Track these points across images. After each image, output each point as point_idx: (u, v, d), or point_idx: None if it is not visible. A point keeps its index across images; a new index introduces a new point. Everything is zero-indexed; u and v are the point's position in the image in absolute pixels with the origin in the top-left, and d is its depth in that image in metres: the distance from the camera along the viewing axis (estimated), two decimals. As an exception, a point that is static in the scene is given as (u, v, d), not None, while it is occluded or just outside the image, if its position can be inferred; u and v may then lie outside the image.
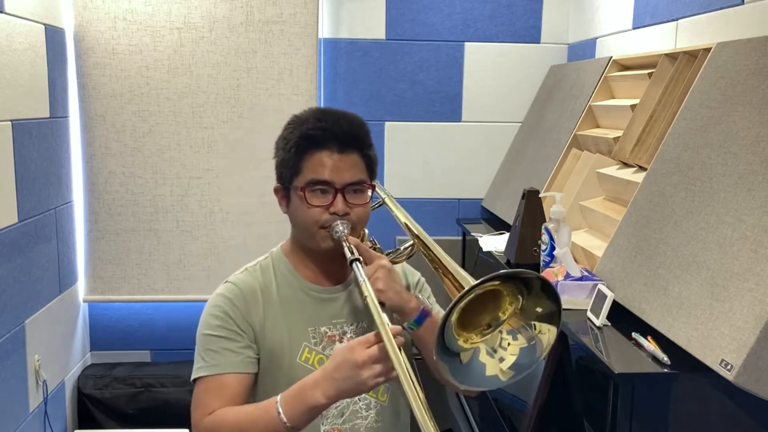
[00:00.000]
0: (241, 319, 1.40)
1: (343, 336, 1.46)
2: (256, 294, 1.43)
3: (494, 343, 1.18)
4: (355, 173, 1.40)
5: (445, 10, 3.15)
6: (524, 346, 1.17)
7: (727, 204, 1.45)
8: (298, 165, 1.39)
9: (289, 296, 1.45)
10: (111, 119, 2.95)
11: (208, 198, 3.04)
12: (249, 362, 1.40)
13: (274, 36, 2.97)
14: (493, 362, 1.17)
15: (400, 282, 1.39)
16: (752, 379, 1.23)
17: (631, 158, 2.02)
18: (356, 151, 1.40)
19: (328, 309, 1.47)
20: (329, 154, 1.38)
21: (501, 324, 1.18)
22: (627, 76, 2.32)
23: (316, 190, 1.38)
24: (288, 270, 1.47)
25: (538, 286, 1.13)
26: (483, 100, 3.22)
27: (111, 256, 3.03)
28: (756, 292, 1.28)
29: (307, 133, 1.39)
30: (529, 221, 2.15)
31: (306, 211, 1.38)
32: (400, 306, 1.36)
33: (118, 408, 2.95)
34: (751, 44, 1.58)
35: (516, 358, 1.17)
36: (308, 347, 1.43)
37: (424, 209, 3.26)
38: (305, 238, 1.43)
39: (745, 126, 1.49)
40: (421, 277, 1.61)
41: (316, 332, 1.44)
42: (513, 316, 1.18)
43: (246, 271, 1.49)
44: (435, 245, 1.37)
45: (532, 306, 1.16)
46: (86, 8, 2.87)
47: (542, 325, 1.16)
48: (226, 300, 1.41)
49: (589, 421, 1.66)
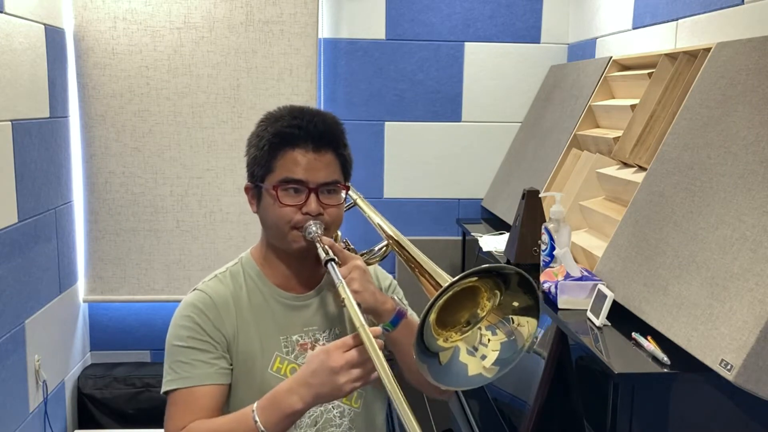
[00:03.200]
0: (213, 329, 1.36)
1: (316, 343, 1.43)
2: (228, 302, 1.39)
3: (474, 341, 1.17)
4: (330, 173, 1.36)
5: (445, 10, 3.15)
6: (504, 340, 1.16)
7: (727, 204, 1.45)
8: (271, 163, 1.35)
9: (259, 304, 1.42)
10: (111, 119, 2.95)
11: (208, 198, 3.04)
12: (222, 373, 1.36)
13: (274, 36, 2.97)
14: (475, 361, 1.16)
15: (374, 283, 1.36)
16: (752, 379, 1.23)
17: (631, 158, 2.02)
18: (331, 150, 1.37)
19: (300, 316, 1.43)
20: (303, 152, 1.34)
21: (480, 321, 1.17)
22: (627, 76, 2.32)
23: (289, 189, 1.34)
24: (257, 276, 1.43)
25: (515, 280, 1.12)
26: (483, 100, 3.23)
27: (111, 256, 3.03)
28: (756, 292, 1.28)
29: (281, 130, 1.35)
30: (529, 221, 2.15)
31: (278, 210, 1.34)
32: (375, 307, 1.32)
33: (118, 408, 2.96)
34: (751, 44, 1.58)
35: (498, 354, 1.16)
36: (280, 356, 1.40)
37: (424, 209, 3.26)
38: (276, 239, 1.39)
39: (745, 126, 1.49)
40: (393, 281, 1.58)
41: (288, 341, 1.41)
42: (491, 312, 1.17)
43: (216, 278, 1.44)
44: (410, 245, 1.34)
45: (509, 300, 1.15)
46: (86, 8, 2.87)
47: (521, 318, 1.15)
48: (197, 309, 1.37)
49: (589, 421, 1.66)
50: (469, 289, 1.14)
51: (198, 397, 1.33)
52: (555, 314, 1.74)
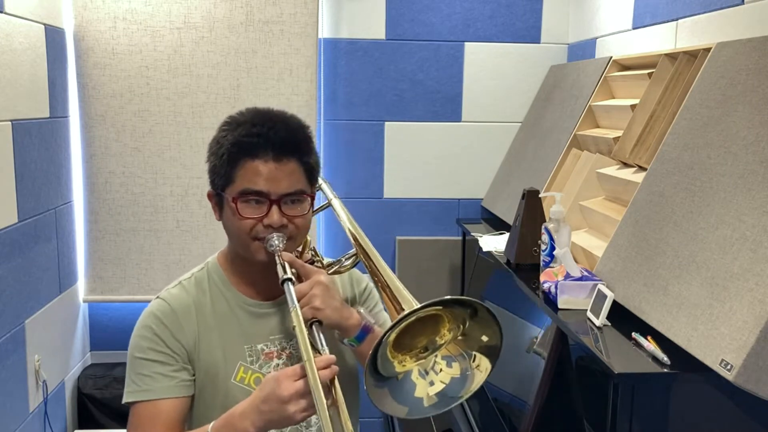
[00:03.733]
0: (172, 340, 1.34)
1: (282, 352, 1.39)
2: (190, 311, 1.36)
3: (427, 366, 1.14)
4: (293, 183, 1.30)
5: (445, 10, 3.15)
6: (456, 376, 1.13)
7: (727, 204, 1.45)
8: (231, 174, 1.29)
9: (223, 312, 1.38)
10: (111, 119, 2.95)
11: (208, 198, 3.03)
12: (183, 386, 1.34)
13: (274, 36, 2.97)
14: (424, 384, 1.12)
15: (339, 297, 1.31)
16: (752, 379, 1.23)
17: (631, 158, 2.02)
18: (294, 158, 1.30)
19: (266, 325, 1.40)
20: (264, 162, 1.28)
21: (438, 349, 1.14)
22: (627, 76, 2.32)
23: (250, 200, 1.29)
24: (223, 283, 1.40)
25: (484, 312, 1.08)
26: (483, 100, 3.22)
27: (111, 256, 3.03)
28: (756, 292, 1.28)
29: (240, 139, 1.28)
30: (529, 221, 2.15)
31: (238, 222, 1.30)
32: (339, 323, 1.28)
33: (118, 408, 2.95)
34: (751, 44, 1.58)
35: (444, 387, 1.12)
36: (243, 366, 1.37)
37: (424, 209, 3.26)
38: (239, 248, 1.35)
39: (745, 126, 1.49)
40: (369, 283, 1.53)
41: (252, 350, 1.38)
42: (453, 343, 1.13)
43: (180, 285, 1.41)
44: (378, 258, 1.27)
45: (477, 333, 1.11)
46: (86, 8, 2.87)
47: (482, 359, 1.11)
48: (156, 320, 1.34)
49: (589, 421, 1.66)
50: (432, 316, 1.11)
51: (160, 411, 1.32)
52: (555, 314, 1.74)
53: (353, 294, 1.51)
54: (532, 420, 1.78)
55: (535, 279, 2.01)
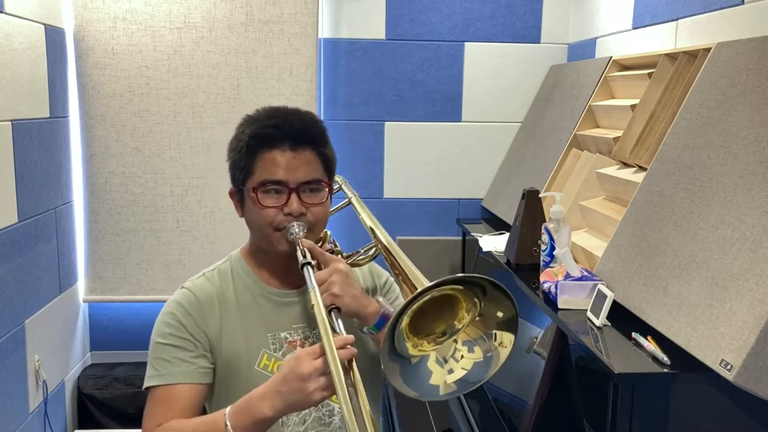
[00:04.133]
0: (195, 328, 1.36)
1: (305, 340, 1.42)
2: (213, 301, 1.39)
3: (446, 353, 1.14)
4: (310, 171, 1.35)
5: (445, 10, 3.15)
6: (479, 360, 1.13)
7: (727, 204, 1.45)
8: (250, 166, 1.34)
9: (247, 302, 1.41)
10: (111, 119, 2.95)
11: (208, 198, 3.04)
12: (202, 373, 1.36)
13: (274, 36, 2.97)
14: (441, 372, 1.13)
15: (357, 286, 1.33)
16: (752, 379, 1.23)
17: (631, 158, 2.02)
18: (310, 147, 1.35)
19: (289, 313, 1.42)
20: (281, 152, 1.33)
21: (456, 333, 1.14)
22: (627, 76, 2.32)
23: (270, 190, 1.33)
24: (246, 274, 1.44)
25: (492, 288, 1.09)
26: (483, 100, 3.23)
27: (111, 256, 3.03)
28: (756, 292, 1.28)
29: (257, 132, 1.34)
30: (529, 221, 2.15)
31: (259, 212, 1.34)
32: (358, 311, 1.30)
33: (118, 408, 2.95)
34: (751, 44, 1.58)
35: (466, 374, 1.13)
36: (267, 353, 1.39)
37: (424, 209, 3.26)
38: (261, 241, 1.39)
39: (745, 126, 1.49)
40: (389, 278, 1.55)
41: (276, 338, 1.40)
42: (471, 326, 1.14)
43: (203, 276, 1.44)
44: (398, 251, 1.29)
45: (492, 311, 1.11)
46: (86, 8, 2.87)
47: (503, 335, 1.12)
48: (180, 307, 1.37)
49: (589, 421, 1.65)
50: (449, 299, 1.12)
51: (176, 395, 1.33)
52: (555, 314, 1.74)
53: (373, 285, 1.54)
54: (532, 420, 1.78)
55: (535, 279, 2.01)
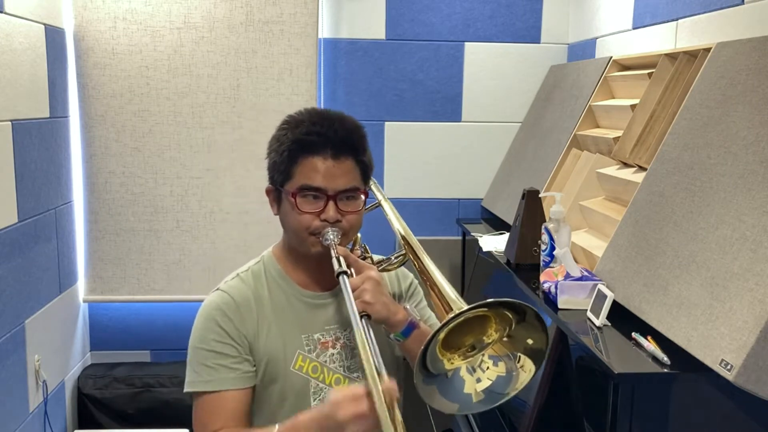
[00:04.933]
0: (236, 332, 1.38)
1: (336, 342, 1.44)
2: (250, 303, 1.41)
3: (474, 363, 1.17)
4: (349, 180, 1.36)
5: (445, 10, 3.15)
6: (502, 374, 1.16)
7: (727, 204, 1.45)
8: (291, 170, 1.36)
9: (281, 303, 1.43)
10: (111, 119, 2.95)
11: (208, 198, 3.04)
12: (246, 377, 1.38)
13: (274, 36, 2.97)
14: (471, 380, 1.16)
15: (388, 293, 1.36)
16: (752, 379, 1.23)
17: (631, 158, 2.02)
18: (351, 157, 1.36)
19: (321, 315, 1.44)
20: (323, 159, 1.34)
21: (485, 348, 1.17)
22: (627, 76, 2.32)
23: (308, 195, 1.35)
24: (279, 275, 1.45)
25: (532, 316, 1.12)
26: (483, 100, 3.22)
27: (111, 256, 3.03)
28: (756, 292, 1.28)
29: (300, 137, 1.35)
30: (529, 221, 2.15)
31: (296, 216, 1.36)
32: (387, 318, 1.32)
33: (118, 408, 2.95)
34: (751, 44, 1.58)
35: (491, 384, 1.15)
36: (302, 355, 1.41)
37: (424, 209, 3.26)
38: (295, 243, 1.41)
39: (745, 126, 1.49)
40: (414, 280, 1.58)
41: (309, 339, 1.42)
42: (499, 343, 1.17)
43: (238, 277, 1.46)
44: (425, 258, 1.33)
45: (523, 335, 1.14)
46: (86, 8, 2.87)
47: (526, 360, 1.15)
48: (221, 312, 1.39)
49: (589, 421, 1.65)
50: (479, 317, 1.14)
51: (224, 402, 1.36)
52: (555, 314, 1.74)
53: (400, 290, 1.56)
54: (532, 420, 1.78)
55: (535, 279, 2.01)
